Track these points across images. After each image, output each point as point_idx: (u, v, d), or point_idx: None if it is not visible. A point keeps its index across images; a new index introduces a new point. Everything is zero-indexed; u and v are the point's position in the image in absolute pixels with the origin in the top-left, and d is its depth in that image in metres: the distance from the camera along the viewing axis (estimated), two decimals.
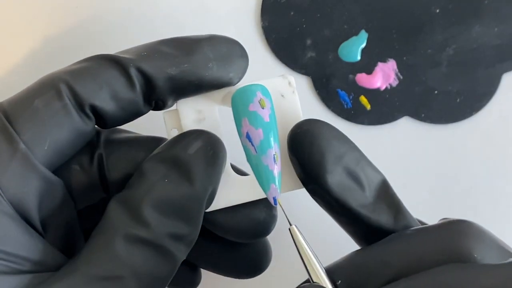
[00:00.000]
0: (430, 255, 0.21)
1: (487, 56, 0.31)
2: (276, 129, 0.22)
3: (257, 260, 0.27)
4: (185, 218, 0.22)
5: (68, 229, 0.24)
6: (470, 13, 0.31)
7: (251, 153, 0.21)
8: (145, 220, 0.21)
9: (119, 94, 0.22)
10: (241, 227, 0.25)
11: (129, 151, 0.25)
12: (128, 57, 0.22)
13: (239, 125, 0.22)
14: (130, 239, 0.21)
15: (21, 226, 0.21)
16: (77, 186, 0.24)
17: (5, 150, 0.21)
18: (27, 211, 0.21)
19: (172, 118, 0.25)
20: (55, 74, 0.22)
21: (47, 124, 0.21)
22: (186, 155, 0.22)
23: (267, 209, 0.26)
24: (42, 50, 0.32)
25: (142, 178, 0.22)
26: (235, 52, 0.24)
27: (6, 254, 0.20)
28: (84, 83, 0.22)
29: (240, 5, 0.32)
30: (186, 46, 0.23)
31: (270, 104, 0.22)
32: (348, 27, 0.31)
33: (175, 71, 0.23)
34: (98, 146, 0.24)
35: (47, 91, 0.22)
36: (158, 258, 0.21)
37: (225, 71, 0.23)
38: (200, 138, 0.23)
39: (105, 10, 0.32)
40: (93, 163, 0.24)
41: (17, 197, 0.21)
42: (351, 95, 0.31)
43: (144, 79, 0.23)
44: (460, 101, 0.31)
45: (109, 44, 0.32)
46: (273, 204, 0.22)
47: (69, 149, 0.23)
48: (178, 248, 0.22)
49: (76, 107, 0.22)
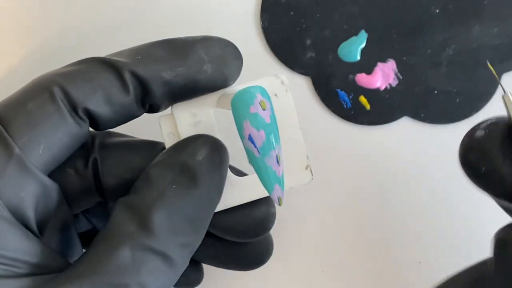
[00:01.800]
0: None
1: (487, 56, 0.31)
2: (277, 130, 0.22)
3: (259, 253, 0.28)
4: (193, 226, 0.22)
5: (64, 233, 0.24)
6: (470, 13, 0.31)
7: (254, 155, 0.21)
8: (152, 228, 0.21)
9: (113, 98, 0.22)
10: (242, 228, 0.25)
11: (124, 156, 0.24)
12: (122, 61, 0.22)
13: (241, 128, 0.21)
14: (137, 247, 0.21)
15: (18, 230, 0.21)
16: (73, 190, 0.24)
17: (0, 155, 0.21)
18: (24, 215, 0.21)
19: (167, 122, 0.24)
20: (47, 76, 0.22)
21: (41, 127, 0.21)
22: (195, 161, 0.22)
23: (267, 207, 0.26)
24: (39, 51, 0.32)
25: (150, 184, 0.22)
26: (230, 53, 0.24)
27: (4, 258, 0.20)
28: (78, 86, 0.22)
29: (240, 5, 0.32)
30: (180, 49, 0.23)
31: (270, 105, 0.22)
32: (348, 27, 0.31)
33: (170, 75, 0.23)
34: (93, 150, 0.24)
35: (41, 94, 0.22)
36: (164, 267, 0.21)
37: (220, 73, 0.23)
38: (207, 144, 0.23)
39: (104, 10, 0.32)
40: (88, 168, 0.24)
41: (14, 201, 0.21)
42: (350, 95, 0.31)
43: (139, 83, 0.22)
44: (460, 101, 0.31)
45: (107, 44, 0.32)
46: (278, 204, 0.22)
47: (64, 152, 0.22)
48: (184, 255, 0.22)
49: (70, 110, 0.22)
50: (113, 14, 0.32)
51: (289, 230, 0.31)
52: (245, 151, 0.22)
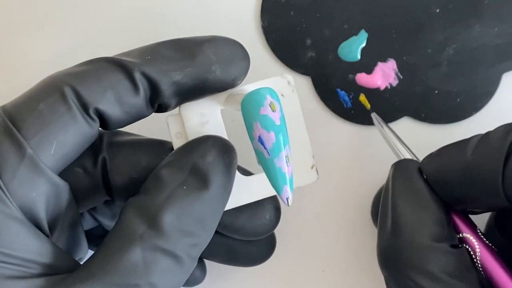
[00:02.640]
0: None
1: (487, 56, 0.31)
2: (286, 131, 0.22)
3: (262, 249, 0.28)
4: (202, 226, 0.22)
5: (71, 231, 0.24)
6: (470, 13, 0.31)
7: (263, 156, 0.22)
8: (162, 228, 0.21)
9: (123, 98, 0.22)
10: (248, 227, 0.26)
11: (133, 155, 0.25)
12: (132, 61, 0.22)
13: (251, 129, 0.22)
14: (148, 248, 0.21)
15: (30, 231, 0.21)
16: (81, 189, 0.24)
17: (13, 155, 0.21)
18: (36, 215, 0.22)
19: (175, 122, 0.25)
20: (58, 76, 0.22)
21: (53, 128, 0.22)
22: (205, 162, 0.22)
23: (272, 207, 0.26)
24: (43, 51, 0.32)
25: (160, 185, 0.22)
26: (237, 53, 0.24)
27: (16, 259, 0.21)
28: (89, 86, 0.22)
29: (240, 5, 0.32)
30: (189, 49, 0.23)
31: (279, 107, 0.22)
32: (348, 27, 0.31)
33: (179, 75, 0.23)
34: (101, 149, 0.24)
35: (52, 94, 0.22)
36: (174, 267, 0.22)
37: (227, 73, 0.23)
38: (216, 145, 0.23)
39: (104, 10, 0.32)
40: (97, 167, 0.24)
41: (26, 201, 0.21)
42: (351, 95, 0.31)
43: (148, 83, 0.23)
44: (460, 101, 0.31)
45: (108, 43, 0.32)
46: (286, 204, 0.22)
47: (74, 151, 0.23)
48: (193, 255, 0.22)
49: (81, 110, 0.22)
50: (112, 14, 0.32)
51: (289, 229, 0.31)
52: (254, 152, 0.22)
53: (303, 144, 0.25)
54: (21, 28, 0.32)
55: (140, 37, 0.31)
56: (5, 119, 0.21)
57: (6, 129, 0.21)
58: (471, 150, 0.24)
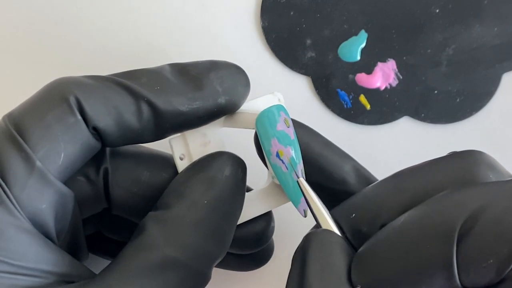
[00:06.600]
0: (444, 181, 0.21)
1: (487, 56, 0.31)
2: (298, 145, 0.23)
3: (261, 255, 0.28)
4: (220, 240, 0.23)
5: (74, 237, 0.24)
6: (470, 13, 0.31)
7: (281, 170, 0.22)
8: (183, 242, 0.22)
9: (125, 123, 0.23)
10: (244, 241, 0.26)
11: (134, 170, 0.25)
12: (142, 91, 0.23)
13: (268, 145, 0.22)
14: (167, 261, 0.21)
15: (40, 241, 0.21)
16: (83, 197, 0.24)
17: (22, 168, 0.21)
18: (45, 225, 0.22)
19: (178, 144, 0.25)
20: (65, 84, 0.22)
21: (61, 140, 0.22)
22: (223, 176, 0.23)
23: (266, 221, 0.26)
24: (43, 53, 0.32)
25: (181, 199, 0.23)
26: (241, 82, 0.24)
27: (29, 270, 0.21)
28: (94, 104, 0.22)
29: (240, 5, 0.32)
30: (196, 80, 0.23)
31: (291, 122, 0.23)
32: (348, 27, 0.31)
33: (187, 108, 0.23)
34: (104, 159, 0.25)
35: (59, 105, 0.22)
36: (192, 279, 0.22)
37: (231, 101, 0.24)
38: (231, 160, 0.24)
39: (104, 10, 0.32)
40: (99, 176, 0.24)
41: (36, 213, 0.21)
42: (351, 95, 0.31)
43: (154, 113, 0.23)
44: (460, 101, 0.31)
45: (108, 45, 0.32)
46: (303, 215, 0.23)
47: (80, 161, 0.23)
48: (210, 268, 0.23)
49: (86, 123, 0.22)
50: (112, 14, 0.32)
51: (289, 230, 0.31)
52: (271, 167, 0.23)
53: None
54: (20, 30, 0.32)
55: (140, 37, 0.31)
56: (13, 132, 0.21)
57: (15, 142, 0.21)
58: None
